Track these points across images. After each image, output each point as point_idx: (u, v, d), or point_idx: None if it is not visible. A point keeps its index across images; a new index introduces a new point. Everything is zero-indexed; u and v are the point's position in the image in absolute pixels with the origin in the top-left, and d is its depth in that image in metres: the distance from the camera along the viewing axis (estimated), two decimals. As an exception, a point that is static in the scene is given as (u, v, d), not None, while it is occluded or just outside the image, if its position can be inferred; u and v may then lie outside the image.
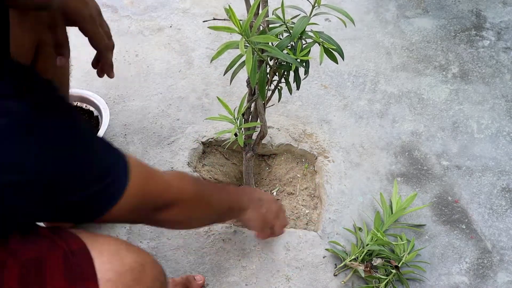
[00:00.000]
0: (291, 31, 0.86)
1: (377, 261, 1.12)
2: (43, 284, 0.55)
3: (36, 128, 0.49)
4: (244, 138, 1.15)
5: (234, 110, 0.96)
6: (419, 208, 1.26)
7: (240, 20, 0.78)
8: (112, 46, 0.95)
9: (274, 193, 1.33)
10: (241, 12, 1.72)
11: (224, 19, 0.94)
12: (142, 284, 0.62)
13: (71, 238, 0.61)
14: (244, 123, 1.11)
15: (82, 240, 0.61)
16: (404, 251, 1.14)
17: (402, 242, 1.14)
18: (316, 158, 1.36)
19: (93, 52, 0.95)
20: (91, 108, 1.37)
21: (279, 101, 1.08)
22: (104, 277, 0.58)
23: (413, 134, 1.44)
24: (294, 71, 0.90)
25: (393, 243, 1.15)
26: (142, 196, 0.64)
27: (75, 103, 1.38)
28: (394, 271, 1.10)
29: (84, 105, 1.38)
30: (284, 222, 1.08)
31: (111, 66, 0.97)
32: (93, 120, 1.35)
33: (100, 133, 1.26)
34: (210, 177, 1.35)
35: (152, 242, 1.15)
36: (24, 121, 0.49)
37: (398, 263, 1.11)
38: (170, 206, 0.70)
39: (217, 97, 0.90)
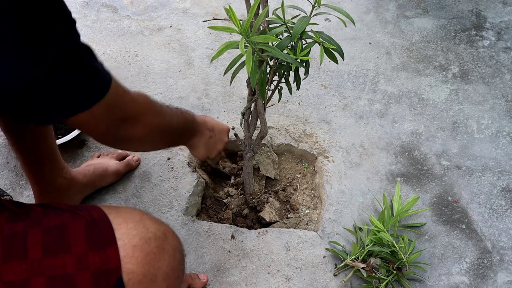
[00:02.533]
0: (291, 31, 0.86)
1: (377, 261, 1.12)
2: (66, 249, 0.57)
3: None
4: (244, 138, 1.15)
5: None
6: (420, 211, 1.26)
7: (240, 20, 0.78)
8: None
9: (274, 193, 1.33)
10: (241, 12, 1.72)
11: (224, 19, 0.94)
12: (165, 252, 0.63)
13: (93, 209, 0.63)
14: (244, 123, 1.11)
15: (104, 210, 0.63)
16: (406, 252, 1.13)
17: (403, 245, 1.14)
18: (316, 158, 1.36)
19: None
20: None
21: (279, 101, 1.08)
22: (130, 242, 0.60)
23: (413, 134, 1.44)
24: (294, 71, 0.90)
25: (396, 244, 1.15)
26: (113, 106, 0.65)
27: None
28: (395, 271, 1.10)
29: None
30: (221, 146, 1.06)
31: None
32: None
33: None
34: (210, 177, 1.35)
35: (152, 242, 1.15)
36: None
37: (400, 264, 1.11)
38: (135, 120, 0.71)
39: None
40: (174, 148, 1.34)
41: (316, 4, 0.84)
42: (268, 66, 0.91)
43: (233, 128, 1.39)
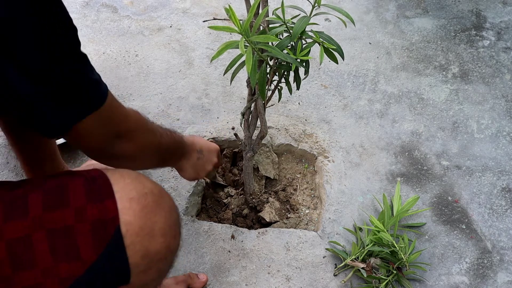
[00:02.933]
0: (291, 31, 0.86)
1: (377, 261, 1.12)
2: (65, 204, 0.59)
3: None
4: (244, 138, 1.15)
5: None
6: (420, 211, 1.26)
7: (240, 20, 0.77)
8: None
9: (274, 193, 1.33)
10: (241, 12, 1.72)
11: (224, 19, 0.94)
12: (162, 208, 0.65)
13: (91, 170, 0.65)
14: (244, 123, 1.11)
15: (102, 170, 0.64)
16: (406, 252, 1.13)
17: (403, 245, 1.14)
18: (316, 158, 1.36)
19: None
20: None
21: (279, 101, 1.08)
22: (128, 195, 0.61)
23: (413, 134, 1.44)
24: (294, 71, 0.90)
25: (396, 244, 1.15)
26: (108, 118, 0.66)
27: None
28: (395, 271, 1.10)
29: None
30: (209, 167, 1.06)
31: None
32: None
33: None
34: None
35: (152, 242, 1.15)
36: None
37: (400, 264, 1.11)
38: (127, 136, 0.72)
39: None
40: (174, 148, 1.33)
41: (316, 4, 0.84)
42: (268, 66, 0.91)
43: (233, 128, 1.39)
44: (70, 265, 0.57)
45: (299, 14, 0.88)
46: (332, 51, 0.89)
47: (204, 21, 1.01)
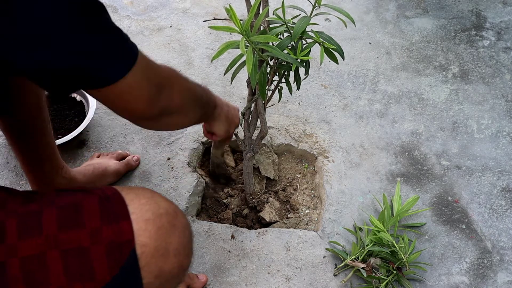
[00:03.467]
0: (291, 31, 0.86)
1: (377, 261, 1.12)
2: (80, 224, 0.58)
3: None
4: (244, 138, 1.15)
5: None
6: (420, 211, 1.26)
7: (241, 20, 0.78)
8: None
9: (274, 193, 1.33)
10: (241, 12, 1.72)
11: (224, 19, 0.95)
12: (176, 228, 0.65)
13: (105, 188, 0.64)
14: (244, 123, 1.11)
15: (116, 188, 0.64)
16: (406, 252, 1.13)
17: (403, 245, 1.14)
18: (316, 158, 1.36)
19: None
20: (83, 101, 1.41)
21: (279, 101, 1.08)
22: (143, 216, 0.61)
23: (413, 134, 1.44)
24: (294, 71, 0.90)
25: (396, 244, 1.15)
26: (147, 70, 0.66)
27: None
28: (395, 271, 1.10)
29: (77, 97, 1.41)
30: (238, 121, 1.07)
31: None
32: (79, 109, 1.40)
33: (84, 124, 1.30)
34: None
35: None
36: None
37: (400, 264, 1.11)
38: (169, 85, 0.72)
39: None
40: (174, 148, 1.34)
41: (316, 4, 0.84)
42: (268, 66, 0.91)
43: (233, 128, 1.39)
44: (84, 285, 0.57)
45: (300, 14, 0.88)
46: (332, 51, 0.89)
47: (204, 21, 1.01)
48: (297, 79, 0.94)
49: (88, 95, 1.35)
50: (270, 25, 0.88)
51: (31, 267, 0.55)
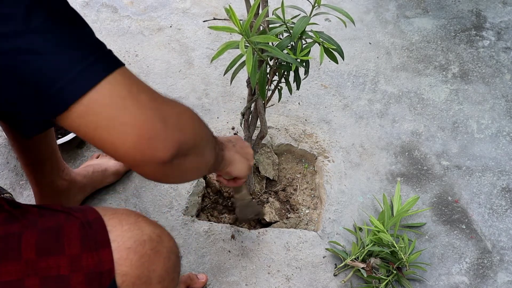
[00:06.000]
0: (291, 31, 0.86)
1: (377, 261, 1.12)
2: (60, 250, 0.57)
3: None
4: (244, 138, 1.15)
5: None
6: (420, 211, 1.26)
7: (240, 20, 0.78)
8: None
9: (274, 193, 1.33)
10: (241, 12, 1.72)
11: (224, 19, 0.95)
12: (160, 255, 0.63)
13: (88, 211, 0.62)
14: (244, 123, 1.11)
15: (99, 212, 0.62)
16: (406, 252, 1.13)
17: (403, 245, 1.14)
18: (316, 158, 1.36)
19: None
20: None
21: (279, 101, 1.08)
22: (124, 245, 0.59)
23: (413, 134, 1.44)
24: (294, 71, 0.90)
25: (396, 244, 1.15)
26: (130, 80, 0.52)
27: None
28: (395, 271, 1.10)
29: None
30: (250, 150, 0.93)
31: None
32: None
33: None
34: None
35: (152, 242, 1.15)
36: None
37: (400, 264, 1.11)
38: (176, 114, 0.58)
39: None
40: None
41: (316, 4, 0.84)
42: (268, 66, 0.91)
43: (232, 128, 1.39)
44: None
45: (299, 14, 0.88)
46: (332, 51, 0.89)
47: (204, 21, 1.01)
48: (297, 79, 0.95)
49: None
50: (270, 25, 0.89)
51: None
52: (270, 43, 0.83)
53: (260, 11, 0.85)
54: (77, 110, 0.48)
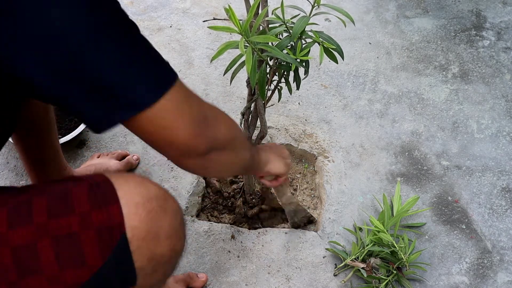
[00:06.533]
0: (291, 31, 0.86)
1: (377, 261, 1.12)
2: (70, 210, 0.58)
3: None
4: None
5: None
6: (420, 211, 1.26)
7: (240, 20, 0.78)
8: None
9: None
10: (241, 12, 1.72)
11: (224, 19, 0.94)
12: (166, 212, 0.64)
13: (95, 175, 0.64)
14: (244, 123, 1.11)
15: (105, 175, 0.64)
16: (406, 252, 1.13)
17: (403, 245, 1.14)
18: (316, 158, 1.36)
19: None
20: None
21: (279, 101, 1.08)
22: (133, 200, 0.61)
23: (413, 134, 1.44)
24: (294, 71, 0.90)
25: (396, 244, 1.15)
26: (187, 96, 0.61)
27: None
28: (395, 271, 1.10)
29: None
30: (285, 150, 1.02)
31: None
32: None
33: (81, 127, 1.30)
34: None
35: (152, 242, 1.15)
36: None
37: (400, 264, 1.11)
38: (213, 119, 0.67)
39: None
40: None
41: (316, 4, 0.84)
42: (268, 66, 0.91)
43: (233, 128, 1.39)
44: (76, 271, 0.57)
45: (299, 14, 0.88)
46: (332, 51, 0.89)
47: (204, 21, 1.01)
48: (297, 79, 0.95)
49: None
50: (270, 25, 0.88)
51: (22, 257, 0.56)
52: (270, 43, 0.83)
53: (260, 11, 0.84)
54: (148, 114, 0.57)
